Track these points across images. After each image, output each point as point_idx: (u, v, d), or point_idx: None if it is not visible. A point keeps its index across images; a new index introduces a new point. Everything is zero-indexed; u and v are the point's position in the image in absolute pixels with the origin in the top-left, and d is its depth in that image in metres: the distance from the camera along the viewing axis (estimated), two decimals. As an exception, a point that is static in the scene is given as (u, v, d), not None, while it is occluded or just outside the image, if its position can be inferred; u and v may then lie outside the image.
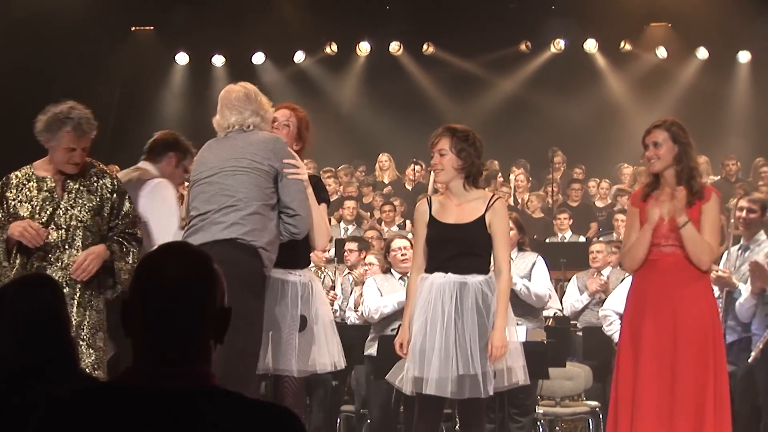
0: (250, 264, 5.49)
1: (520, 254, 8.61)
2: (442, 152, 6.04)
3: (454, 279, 5.89)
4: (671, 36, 17.87)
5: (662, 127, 6.08)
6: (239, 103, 5.82)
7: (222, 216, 5.53)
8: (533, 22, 17.78)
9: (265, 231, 5.56)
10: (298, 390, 5.93)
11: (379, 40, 17.97)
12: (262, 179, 5.59)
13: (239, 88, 5.91)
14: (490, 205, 5.99)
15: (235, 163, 5.62)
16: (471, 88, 17.99)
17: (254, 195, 5.56)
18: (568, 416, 9.25)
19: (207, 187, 5.66)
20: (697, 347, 5.86)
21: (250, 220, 5.51)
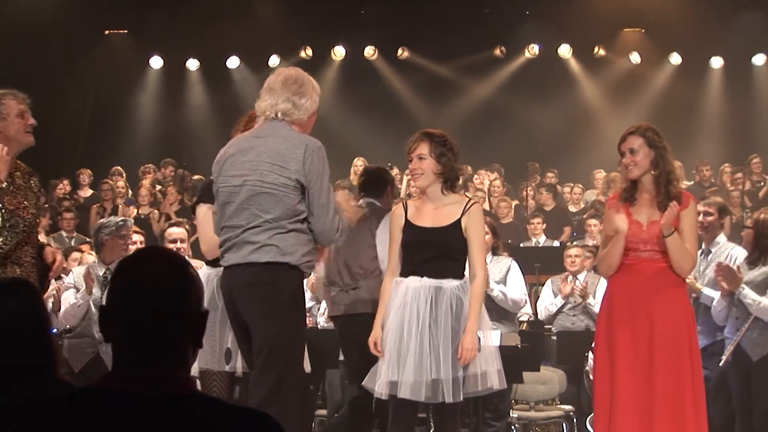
0: (287, 281, 5.43)
1: (494, 258, 8.63)
2: (422, 156, 6.03)
3: (429, 283, 5.88)
4: (645, 41, 17.96)
5: (637, 133, 6.10)
6: (276, 86, 5.64)
7: (252, 235, 5.44)
8: (508, 28, 17.84)
9: (299, 245, 5.47)
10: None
11: (354, 44, 17.98)
12: (290, 196, 5.46)
13: (284, 71, 5.75)
14: (467, 209, 5.99)
15: (263, 177, 5.46)
16: (446, 93, 18.02)
17: (281, 214, 5.44)
18: (542, 420, 9.26)
19: (234, 198, 5.54)
20: (673, 353, 5.88)
21: (281, 239, 5.42)
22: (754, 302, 7.12)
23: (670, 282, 5.98)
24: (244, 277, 5.41)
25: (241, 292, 5.42)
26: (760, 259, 7.32)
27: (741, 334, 7.17)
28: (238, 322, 5.52)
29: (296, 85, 5.62)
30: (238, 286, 5.43)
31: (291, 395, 5.39)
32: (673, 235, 5.91)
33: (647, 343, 5.90)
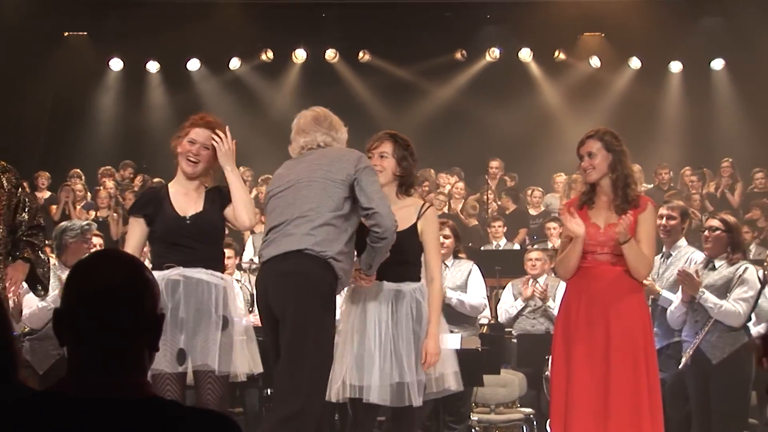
0: (320, 275, 5.47)
1: (455, 262, 8.63)
2: (384, 155, 6.05)
3: (389, 287, 5.89)
4: (605, 46, 18.04)
5: (595, 137, 6.14)
6: (308, 126, 5.83)
7: (293, 228, 5.52)
8: (469, 31, 17.87)
9: (337, 241, 5.52)
10: (222, 395, 5.89)
11: (314, 47, 17.96)
12: (336, 189, 5.55)
13: (309, 113, 5.91)
14: (422, 213, 6.01)
15: (309, 174, 5.62)
16: (407, 96, 18.04)
17: (326, 205, 5.53)
18: (503, 423, 9.28)
19: (280, 201, 5.65)
20: (629, 355, 5.91)
21: (320, 231, 5.49)
22: (715, 306, 7.17)
23: (626, 284, 6.02)
24: (281, 268, 5.49)
25: (275, 282, 5.49)
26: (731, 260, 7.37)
27: (701, 337, 7.21)
28: (268, 315, 5.59)
29: (327, 121, 5.84)
30: (273, 275, 5.52)
31: (313, 389, 5.43)
32: (630, 243, 5.94)
33: (604, 346, 5.93)
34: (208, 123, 6.02)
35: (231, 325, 5.85)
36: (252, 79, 18.23)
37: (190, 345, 5.75)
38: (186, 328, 5.74)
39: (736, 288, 7.23)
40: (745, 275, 7.26)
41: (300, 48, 17.90)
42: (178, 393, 5.82)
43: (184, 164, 5.97)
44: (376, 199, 5.55)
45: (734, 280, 7.26)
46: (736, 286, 7.24)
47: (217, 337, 5.77)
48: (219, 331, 5.78)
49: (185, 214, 5.88)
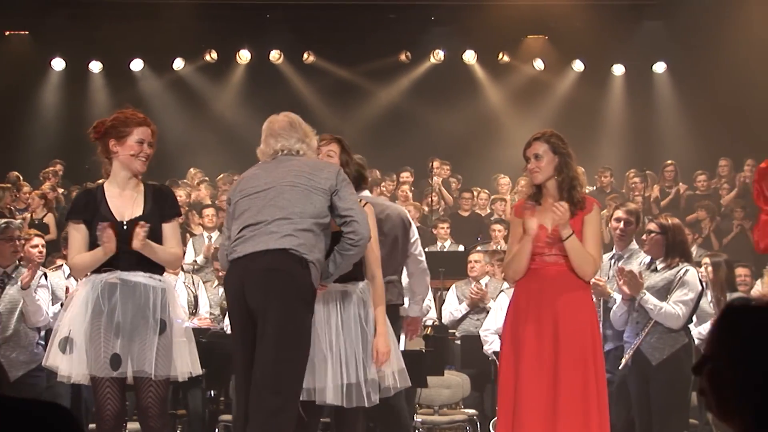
0: (303, 275, 5.49)
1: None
2: (330, 154, 6.11)
3: (336, 288, 5.90)
4: (548, 48, 18.14)
5: (542, 139, 6.20)
6: (284, 131, 5.83)
7: (275, 227, 5.52)
8: (413, 33, 17.90)
9: (316, 248, 5.55)
10: (162, 397, 5.86)
11: (259, 48, 17.90)
12: (319, 197, 5.60)
13: (282, 117, 5.91)
14: None
15: (293, 179, 5.63)
16: (351, 98, 18.03)
17: (309, 212, 5.56)
18: (446, 424, 9.31)
19: (258, 201, 5.64)
20: (578, 356, 5.96)
21: (302, 235, 5.51)
22: (655, 307, 7.22)
23: (574, 285, 6.06)
24: (263, 263, 5.47)
25: (256, 276, 5.47)
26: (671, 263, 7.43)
27: (641, 338, 7.27)
28: (243, 311, 5.54)
29: (301, 129, 5.85)
30: (253, 271, 5.49)
31: (293, 386, 5.47)
32: (572, 238, 5.99)
33: (552, 347, 5.97)
34: (148, 121, 6.03)
35: (170, 328, 5.83)
36: (196, 79, 18.14)
37: (127, 350, 5.73)
38: (123, 333, 5.72)
39: (676, 290, 7.30)
40: (686, 277, 7.32)
41: (244, 49, 17.83)
42: (118, 396, 5.80)
43: (137, 165, 5.95)
44: (355, 208, 5.64)
45: (675, 282, 7.32)
46: (676, 288, 7.30)
47: (154, 342, 5.75)
48: (156, 335, 5.76)
49: (122, 218, 5.85)
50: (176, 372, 5.87)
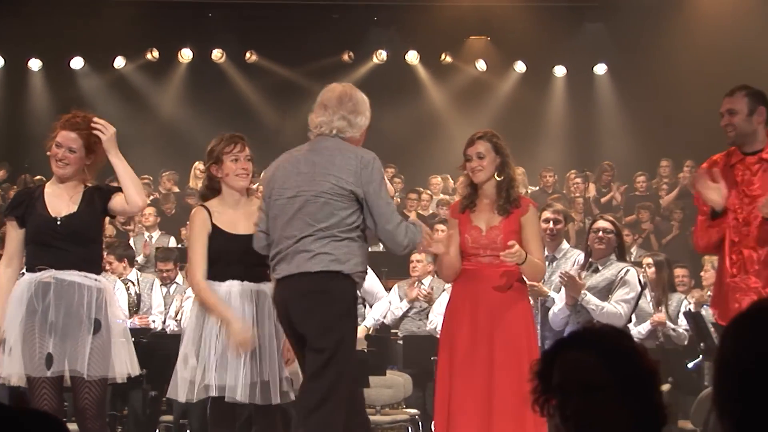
0: (340, 289, 5.52)
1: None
2: (249, 157, 6.10)
3: (251, 287, 5.92)
4: (490, 49, 18.20)
5: (485, 138, 6.25)
6: (330, 104, 5.75)
7: (306, 244, 5.51)
8: (356, 33, 17.89)
9: (351, 253, 5.54)
10: (99, 398, 5.82)
11: (201, 47, 17.81)
12: (344, 205, 5.53)
13: (336, 88, 5.85)
14: None
15: (317, 187, 5.54)
16: (294, 97, 17.93)
17: (335, 223, 5.51)
18: (388, 424, 9.31)
19: (288, 210, 5.61)
20: (513, 356, 5.99)
21: (334, 248, 5.50)
22: (597, 307, 7.26)
23: (509, 285, 6.10)
24: (299, 287, 5.50)
25: (296, 302, 5.51)
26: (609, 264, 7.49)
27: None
28: (293, 332, 5.59)
29: (351, 102, 5.74)
30: (292, 296, 5.51)
31: (339, 403, 5.47)
32: (526, 261, 6.04)
33: (487, 347, 6.00)
34: (73, 125, 5.91)
35: (106, 328, 5.78)
36: (137, 78, 18.01)
37: (61, 349, 5.68)
38: (55, 332, 5.67)
39: (617, 289, 7.35)
40: (627, 277, 7.38)
41: (186, 47, 17.73)
42: (55, 397, 5.75)
43: (53, 166, 5.91)
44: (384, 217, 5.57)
45: (616, 282, 7.37)
46: (617, 288, 7.36)
47: (87, 341, 5.71)
48: (90, 334, 5.71)
49: (57, 215, 5.80)
50: (114, 372, 5.83)
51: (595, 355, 2.49)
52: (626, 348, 2.52)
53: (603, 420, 2.46)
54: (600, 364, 2.47)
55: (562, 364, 2.53)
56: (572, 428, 2.50)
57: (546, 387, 2.55)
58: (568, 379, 2.51)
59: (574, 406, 2.49)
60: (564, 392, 2.51)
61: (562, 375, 2.52)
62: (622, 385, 2.43)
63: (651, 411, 2.48)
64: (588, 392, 2.47)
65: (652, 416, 2.48)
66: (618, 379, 2.43)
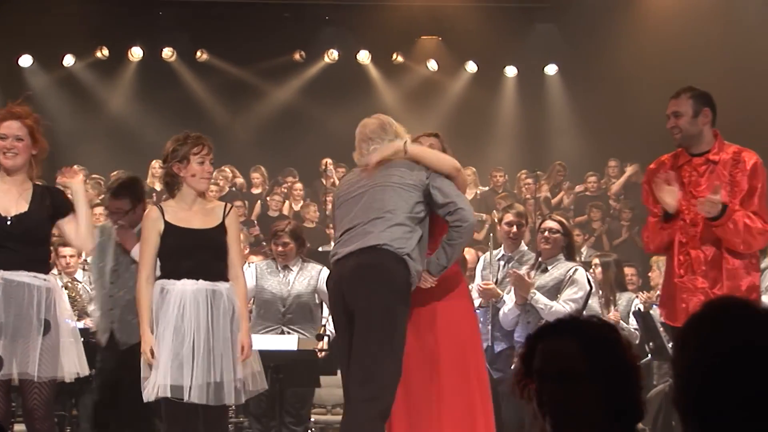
0: (397, 270, 5.67)
1: (303, 265, 8.54)
2: (212, 161, 6.13)
3: (206, 286, 5.92)
4: (442, 49, 18.23)
5: (437, 138, 6.35)
6: (375, 135, 6.04)
7: (370, 227, 5.71)
8: (307, 32, 17.85)
9: (411, 240, 5.72)
10: (48, 399, 5.79)
11: (151, 45, 17.69)
12: (410, 194, 5.79)
13: (374, 120, 6.14)
14: (227, 213, 6.11)
15: (384, 179, 5.82)
16: (245, 96, 17.94)
17: (401, 207, 5.75)
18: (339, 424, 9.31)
19: (353, 206, 5.86)
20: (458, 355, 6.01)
21: (396, 230, 5.69)
22: (545, 306, 7.32)
23: (453, 287, 6.12)
24: (357, 260, 5.66)
25: (351, 274, 5.65)
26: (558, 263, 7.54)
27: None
28: (342, 309, 5.73)
29: (392, 129, 6.11)
30: (350, 268, 5.67)
31: (389, 377, 5.61)
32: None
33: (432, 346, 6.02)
34: (14, 114, 5.87)
35: (55, 328, 5.75)
36: (86, 76, 17.85)
37: (10, 351, 5.64)
38: (5, 333, 5.62)
39: (566, 289, 7.41)
40: (575, 276, 7.44)
41: (136, 46, 17.61)
42: (3, 398, 5.71)
43: (2, 159, 5.82)
44: (454, 195, 5.83)
45: (564, 282, 7.43)
46: (566, 287, 7.41)
47: (37, 343, 5.68)
48: (40, 335, 5.68)
49: (7, 214, 5.74)
50: (62, 372, 5.79)
51: (576, 344, 2.51)
52: (609, 340, 2.53)
53: (577, 409, 2.48)
54: (580, 353, 2.49)
55: (544, 350, 2.55)
56: (547, 414, 2.53)
57: (527, 371, 2.57)
58: (547, 365, 2.53)
59: (550, 392, 2.51)
60: (542, 378, 2.53)
61: (542, 360, 2.54)
62: (600, 376, 2.44)
63: (627, 405, 2.50)
64: (565, 380, 2.49)
65: (629, 411, 2.50)
66: (597, 370, 2.44)
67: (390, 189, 5.80)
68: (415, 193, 5.80)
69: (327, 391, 9.02)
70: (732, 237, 5.93)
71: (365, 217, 5.77)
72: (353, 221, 5.81)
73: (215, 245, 5.96)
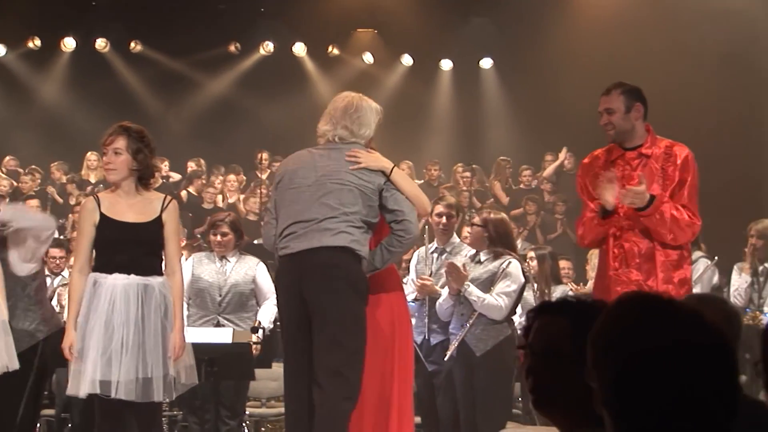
0: (358, 270, 5.69)
1: (241, 257, 8.53)
2: (118, 151, 6.00)
3: (138, 281, 5.88)
4: (377, 42, 18.24)
5: None
6: (335, 115, 5.94)
7: (328, 224, 5.66)
8: (243, 24, 17.78)
9: (365, 244, 5.75)
10: None
11: (84, 36, 17.51)
12: (367, 197, 5.75)
13: (341, 100, 6.01)
14: (165, 206, 6.04)
15: (341, 177, 5.76)
16: (180, 88, 17.81)
17: (358, 210, 5.72)
18: (274, 417, 9.30)
19: (307, 196, 5.77)
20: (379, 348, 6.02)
21: (354, 232, 5.67)
22: (478, 299, 7.35)
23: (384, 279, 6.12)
24: (321, 260, 5.64)
25: (313, 272, 5.63)
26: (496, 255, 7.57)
27: (466, 330, 7.39)
28: (298, 305, 5.68)
29: (357, 113, 5.91)
30: (311, 267, 5.64)
31: (353, 377, 5.65)
32: None
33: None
34: None
35: None
36: (18, 67, 17.64)
37: None
38: None
39: (499, 282, 7.45)
40: (509, 269, 7.48)
41: (69, 36, 17.42)
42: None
43: None
44: (406, 206, 5.82)
45: (498, 274, 7.47)
46: (499, 280, 7.45)
47: None
48: None
49: None
50: None
51: (569, 324, 2.52)
52: None
53: (559, 387, 2.48)
54: (570, 333, 2.50)
55: (539, 325, 2.57)
56: (530, 387, 2.54)
57: (523, 344, 2.59)
58: (538, 339, 2.55)
59: (537, 367, 2.52)
60: (532, 351, 2.55)
61: (534, 335, 2.56)
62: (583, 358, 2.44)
63: None
64: (551, 357, 2.50)
65: None
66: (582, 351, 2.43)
67: (347, 189, 5.75)
68: (372, 197, 5.79)
69: (262, 384, 9.00)
70: (659, 228, 5.99)
71: (320, 213, 5.71)
72: (306, 214, 5.74)
73: (149, 240, 5.92)
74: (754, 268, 9.00)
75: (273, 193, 6.12)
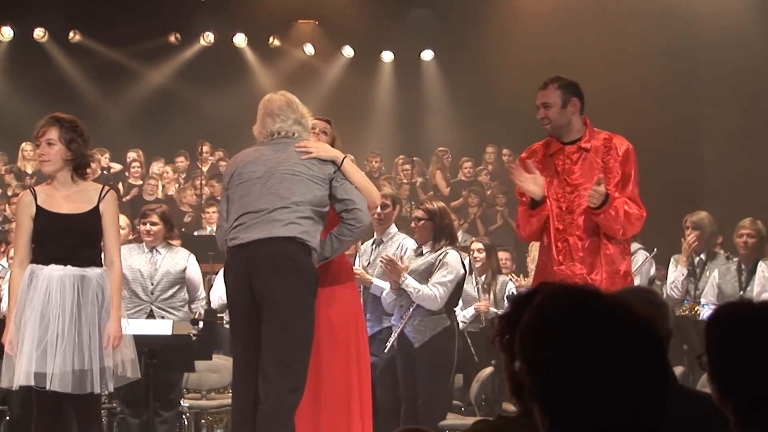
0: (307, 261, 5.70)
1: (171, 248, 8.52)
2: (51, 142, 5.97)
3: (74, 272, 5.86)
4: (318, 33, 18.22)
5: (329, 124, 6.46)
6: (281, 112, 5.98)
7: (278, 215, 5.67)
8: (183, 15, 17.67)
9: (315, 235, 5.75)
10: None
11: (22, 25, 17.31)
12: (318, 186, 5.78)
13: (279, 97, 6.06)
14: (103, 196, 6.01)
15: (290, 167, 5.79)
16: (119, 79, 17.67)
17: (309, 201, 5.74)
18: (214, 408, 9.28)
19: (257, 188, 5.78)
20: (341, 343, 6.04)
21: (304, 223, 5.69)
22: (415, 290, 7.40)
23: (337, 274, 6.14)
24: (270, 250, 5.64)
25: (264, 263, 5.63)
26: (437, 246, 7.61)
27: (405, 321, 7.44)
28: (247, 296, 5.69)
29: (298, 110, 6.04)
30: (260, 258, 5.64)
31: (300, 368, 5.67)
32: None
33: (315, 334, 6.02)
34: None
35: None
36: (-45, 56, 17.44)
37: None
38: None
39: (436, 272, 7.50)
40: (446, 259, 7.53)
41: (6, 26, 17.21)
42: None
43: None
44: (356, 196, 5.86)
45: (435, 265, 7.52)
46: (436, 270, 7.50)
47: None
48: None
49: None
50: None
51: None
52: None
53: None
54: None
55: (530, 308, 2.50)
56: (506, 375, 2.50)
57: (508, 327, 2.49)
58: None
59: None
60: None
61: None
62: None
63: None
64: None
65: None
66: None
67: (297, 179, 5.78)
68: (322, 186, 5.83)
69: (203, 376, 8.98)
70: (612, 224, 6.04)
71: (270, 203, 5.74)
72: (257, 205, 5.77)
73: (85, 231, 5.90)
74: (690, 260, 9.10)
75: (223, 193, 6.14)
